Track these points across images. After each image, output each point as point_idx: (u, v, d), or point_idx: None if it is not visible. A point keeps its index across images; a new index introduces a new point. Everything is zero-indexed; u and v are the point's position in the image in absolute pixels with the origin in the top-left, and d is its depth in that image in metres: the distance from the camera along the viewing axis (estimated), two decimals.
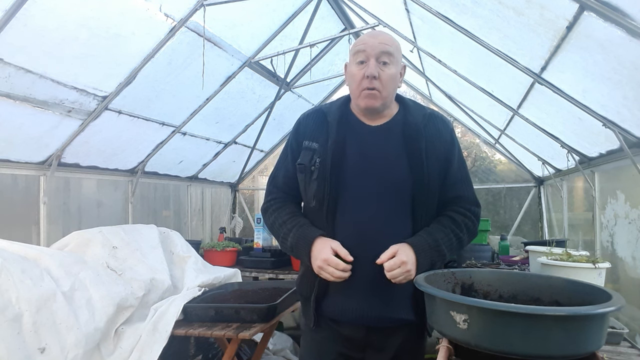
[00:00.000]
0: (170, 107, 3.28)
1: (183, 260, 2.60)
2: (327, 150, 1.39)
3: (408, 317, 1.40)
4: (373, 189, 1.38)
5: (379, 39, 1.38)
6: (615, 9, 1.45)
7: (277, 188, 1.54)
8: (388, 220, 1.37)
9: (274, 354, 3.39)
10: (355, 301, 1.38)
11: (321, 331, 1.46)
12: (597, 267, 1.66)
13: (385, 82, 1.37)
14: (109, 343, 1.92)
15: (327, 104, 1.53)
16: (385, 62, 1.36)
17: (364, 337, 1.42)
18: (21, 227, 2.68)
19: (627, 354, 1.62)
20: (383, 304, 1.38)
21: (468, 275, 1.41)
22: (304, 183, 1.44)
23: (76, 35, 2.23)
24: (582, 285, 1.27)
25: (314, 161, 1.40)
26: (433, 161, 1.39)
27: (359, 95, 1.39)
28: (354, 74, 1.40)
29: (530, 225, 4.41)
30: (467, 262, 2.95)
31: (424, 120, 1.43)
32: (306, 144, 1.45)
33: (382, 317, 1.38)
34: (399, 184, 1.38)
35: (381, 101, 1.39)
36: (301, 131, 1.49)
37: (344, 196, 1.38)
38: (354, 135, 1.43)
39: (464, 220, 1.43)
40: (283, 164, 1.54)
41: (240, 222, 5.05)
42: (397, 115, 1.46)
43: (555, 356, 0.97)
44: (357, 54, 1.39)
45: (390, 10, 3.18)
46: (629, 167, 2.23)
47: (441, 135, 1.43)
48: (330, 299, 1.42)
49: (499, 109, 3.22)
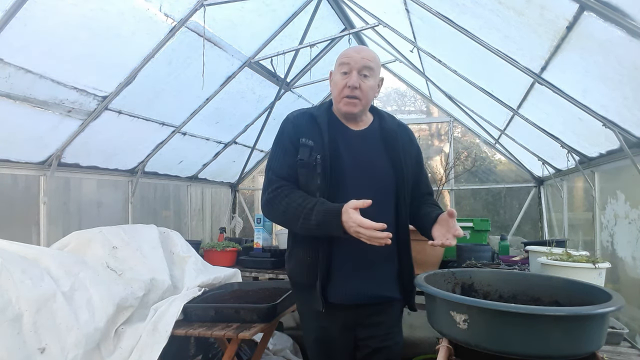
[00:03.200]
0: (170, 107, 3.28)
1: (183, 260, 2.60)
2: (324, 148, 1.53)
3: (394, 295, 1.61)
4: (367, 184, 1.56)
5: (362, 54, 1.58)
6: (615, 9, 1.45)
7: (281, 177, 1.57)
8: (378, 212, 1.50)
9: (274, 354, 3.39)
10: (355, 284, 1.55)
11: (319, 315, 1.57)
12: (597, 267, 1.66)
13: (364, 92, 1.57)
14: (109, 343, 1.92)
15: (313, 108, 1.70)
16: (365, 75, 1.57)
17: (354, 315, 1.58)
18: (21, 227, 2.68)
19: (627, 354, 1.62)
20: (376, 283, 1.57)
21: (468, 275, 1.42)
22: (306, 177, 1.54)
23: (76, 35, 2.23)
24: (582, 285, 1.27)
25: (313, 157, 1.53)
26: (408, 163, 1.64)
27: (340, 101, 1.59)
28: (337, 82, 1.60)
29: (530, 225, 4.41)
30: (467, 262, 2.95)
31: (398, 128, 1.68)
32: (303, 141, 1.56)
33: (375, 295, 1.57)
34: (386, 180, 1.59)
35: (360, 107, 1.59)
36: (297, 129, 1.60)
37: (343, 189, 1.53)
38: (343, 136, 1.61)
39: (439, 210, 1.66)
40: (283, 157, 1.59)
41: (240, 222, 5.05)
42: (374, 122, 1.68)
43: (555, 356, 0.97)
44: (341, 65, 1.58)
45: (390, 10, 3.18)
46: (629, 167, 2.23)
47: (412, 143, 1.72)
48: (332, 284, 1.55)
49: (499, 109, 3.22)
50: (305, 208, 1.45)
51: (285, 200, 1.51)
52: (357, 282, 1.55)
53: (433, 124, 4.91)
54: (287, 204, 1.50)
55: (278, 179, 1.57)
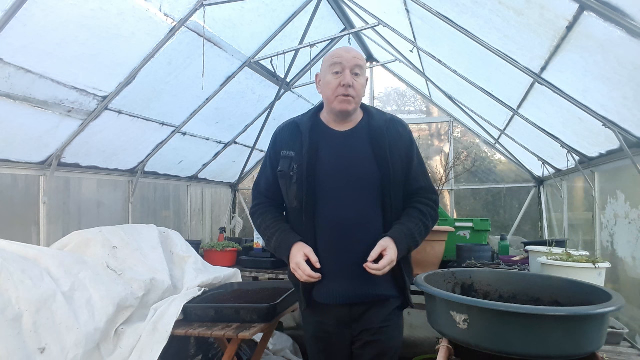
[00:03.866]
0: (170, 107, 3.28)
1: (183, 260, 2.60)
2: (302, 157, 1.59)
3: (388, 293, 1.61)
4: (347, 185, 1.57)
5: (352, 54, 1.60)
6: (615, 9, 1.45)
7: (260, 194, 1.75)
8: (362, 211, 1.57)
9: (274, 354, 3.39)
10: (340, 284, 1.57)
11: (314, 313, 1.66)
12: (597, 267, 1.66)
13: (357, 90, 1.59)
14: (109, 343, 1.92)
15: (299, 117, 1.73)
16: (357, 73, 1.59)
17: (349, 313, 1.60)
18: (21, 227, 2.68)
19: (627, 354, 1.62)
20: (365, 283, 1.56)
21: (468, 275, 1.42)
22: (286, 187, 1.63)
23: (76, 35, 2.23)
24: (582, 285, 1.27)
25: (292, 167, 1.60)
26: (396, 158, 1.61)
27: (334, 101, 1.59)
28: (329, 82, 1.60)
29: (530, 225, 4.41)
30: (467, 262, 2.95)
31: (386, 124, 1.65)
32: (284, 153, 1.64)
33: (365, 294, 1.58)
34: (369, 179, 1.58)
35: (354, 105, 1.60)
36: (278, 143, 1.69)
37: (321, 194, 1.58)
38: (326, 140, 1.63)
39: (428, 209, 1.65)
40: (264, 173, 1.74)
41: (240, 222, 5.04)
42: (362, 121, 1.68)
43: (555, 356, 0.97)
44: (333, 65, 1.59)
45: (390, 10, 3.18)
46: (629, 167, 2.23)
47: (401, 137, 1.66)
48: (318, 285, 1.59)
49: (499, 109, 3.22)
50: (270, 232, 1.65)
51: (260, 219, 1.72)
52: (345, 282, 1.57)
53: (433, 124, 4.91)
54: (260, 223, 1.71)
55: (259, 195, 1.75)
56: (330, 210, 1.57)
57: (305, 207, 1.57)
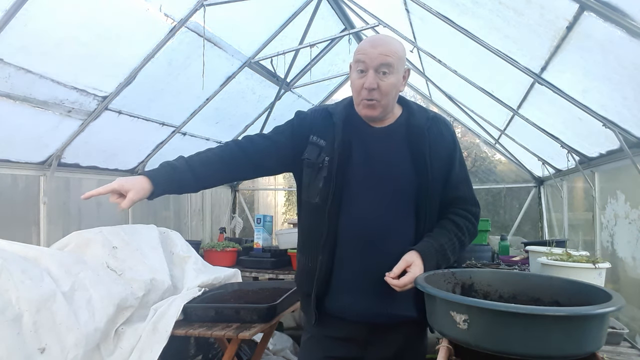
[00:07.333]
0: (170, 107, 3.28)
1: (183, 260, 2.60)
2: (334, 150, 1.41)
3: (409, 314, 1.42)
4: (378, 190, 1.40)
5: (379, 49, 1.37)
6: (615, 9, 1.45)
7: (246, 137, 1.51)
8: (392, 220, 1.39)
9: (274, 354, 3.39)
10: (357, 298, 1.39)
11: (322, 329, 1.47)
12: (597, 267, 1.66)
13: (384, 92, 1.38)
14: (109, 343, 1.92)
15: (333, 105, 1.54)
16: (384, 72, 1.37)
17: (366, 335, 1.43)
18: (21, 227, 2.68)
19: (627, 354, 1.62)
20: (385, 301, 1.39)
21: (468, 275, 1.41)
22: (310, 178, 1.45)
23: (76, 35, 2.23)
24: (582, 285, 1.27)
25: (321, 158, 1.42)
26: (436, 163, 1.42)
27: (359, 104, 1.43)
28: (354, 81, 1.42)
29: (530, 225, 4.41)
30: (467, 262, 2.95)
31: (427, 122, 1.45)
32: (313, 139, 1.46)
33: (384, 314, 1.40)
34: (404, 185, 1.40)
35: (380, 109, 1.41)
36: (308, 124, 1.49)
37: (348, 196, 1.40)
38: (359, 137, 1.45)
39: (465, 222, 1.46)
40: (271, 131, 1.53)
41: (240, 222, 5.04)
42: (401, 117, 1.48)
43: (555, 356, 0.97)
44: (357, 62, 1.40)
45: (390, 10, 3.18)
46: (629, 167, 2.23)
47: (444, 137, 1.46)
48: (332, 296, 1.43)
49: (499, 109, 3.22)
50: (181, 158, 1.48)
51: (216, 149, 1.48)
52: (363, 297, 1.39)
53: None
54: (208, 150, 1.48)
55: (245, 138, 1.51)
56: (356, 214, 1.40)
57: (330, 206, 1.39)
